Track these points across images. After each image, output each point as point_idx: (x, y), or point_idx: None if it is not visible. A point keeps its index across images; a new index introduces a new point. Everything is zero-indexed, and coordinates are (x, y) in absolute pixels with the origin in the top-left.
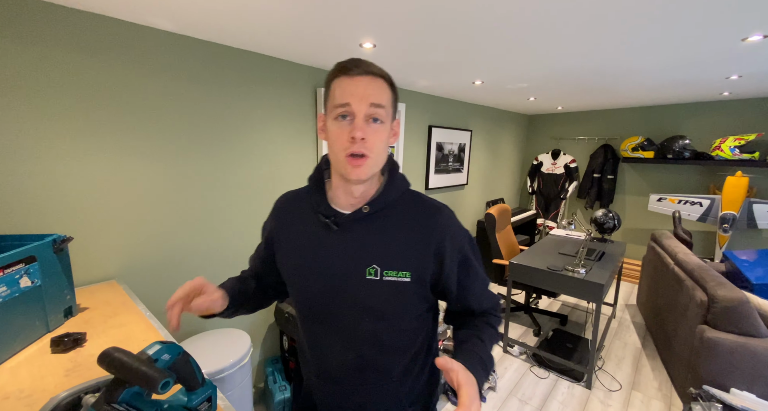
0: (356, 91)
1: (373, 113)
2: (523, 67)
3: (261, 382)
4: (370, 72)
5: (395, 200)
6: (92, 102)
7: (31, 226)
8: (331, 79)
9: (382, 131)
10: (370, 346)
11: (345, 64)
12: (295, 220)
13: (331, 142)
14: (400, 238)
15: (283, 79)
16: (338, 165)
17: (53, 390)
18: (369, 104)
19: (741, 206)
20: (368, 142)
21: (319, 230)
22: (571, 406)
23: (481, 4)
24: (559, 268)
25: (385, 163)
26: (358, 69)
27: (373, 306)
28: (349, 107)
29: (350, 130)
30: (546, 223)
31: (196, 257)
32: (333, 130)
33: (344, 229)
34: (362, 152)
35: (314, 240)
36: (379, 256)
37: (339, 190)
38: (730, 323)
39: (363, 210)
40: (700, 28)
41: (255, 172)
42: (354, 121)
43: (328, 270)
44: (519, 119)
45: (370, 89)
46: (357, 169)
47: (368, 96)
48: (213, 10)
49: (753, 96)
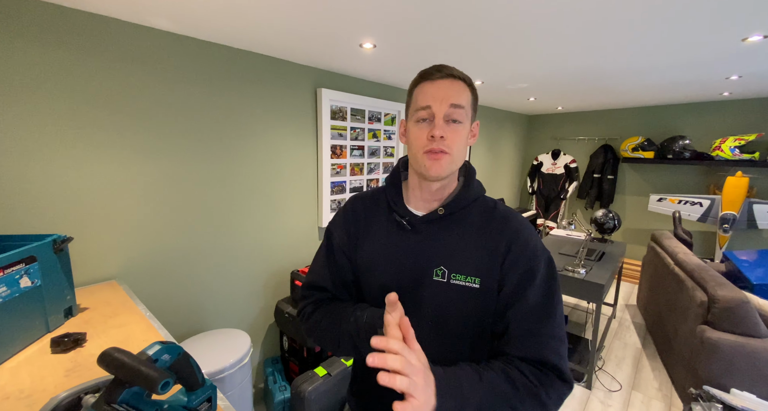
0: (437, 93)
1: (452, 113)
2: (523, 67)
3: (261, 382)
4: (451, 75)
5: (470, 205)
6: (92, 102)
7: (32, 226)
8: (413, 86)
9: (461, 131)
10: (434, 350)
11: (427, 71)
12: (372, 218)
13: (410, 142)
14: (471, 243)
15: (283, 79)
16: (417, 163)
17: (53, 390)
18: (449, 105)
19: (741, 206)
20: (447, 140)
21: (393, 229)
22: (571, 407)
23: (482, 4)
24: (559, 269)
25: (462, 165)
26: (440, 73)
27: (438, 308)
28: (429, 109)
29: (430, 130)
30: (546, 224)
31: (197, 257)
32: (413, 131)
33: (417, 230)
34: (441, 149)
35: (388, 239)
36: (446, 259)
37: (415, 190)
38: (730, 323)
39: (438, 212)
40: (700, 29)
41: (255, 172)
42: (434, 121)
43: (399, 268)
44: (519, 119)
45: (450, 91)
46: (435, 163)
47: (448, 97)
48: (213, 11)
49: (753, 96)
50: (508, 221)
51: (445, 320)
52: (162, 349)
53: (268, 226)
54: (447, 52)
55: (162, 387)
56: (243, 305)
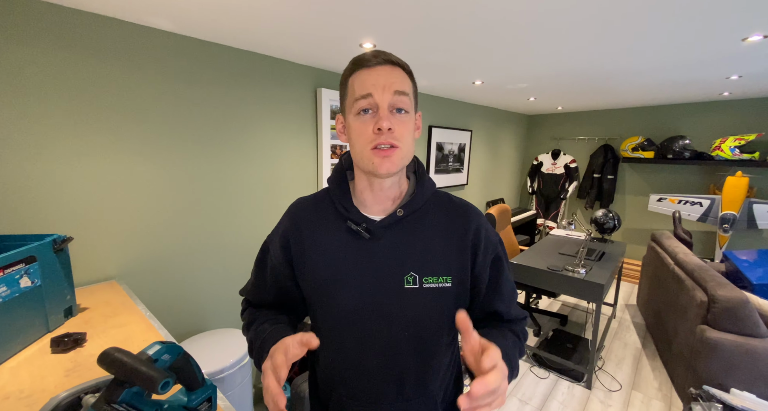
0: (378, 80)
1: (397, 102)
2: (523, 67)
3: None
4: (389, 60)
5: (426, 202)
6: (92, 102)
7: (32, 226)
8: (347, 74)
9: (408, 121)
10: (412, 361)
11: (362, 57)
12: (318, 228)
13: (353, 138)
14: (437, 242)
15: (283, 79)
16: (364, 161)
17: (53, 390)
18: (393, 92)
19: (741, 206)
20: (395, 133)
21: (348, 239)
22: (571, 407)
23: (482, 4)
24: (559, 268)
25: (413, 162)
26: (377, 59)
27: (415, 317)
28: (371, 98)
29: (375, 122)
30: (546, 223)
31: (197, 257)
32: (355, 125)
33: (376, 237)
34: (390, 142)
35: (343, 250)
36: (416, 263)
37: (365, 191)
38: (730, 323)
39: (397, 213)
40: (700, 29)
41: (255, 172)
42: (378, 112)
43: (362, 283)
44: (519, 119)
45: (392, 77)
46: (386, 160)
47: (391, 84)
48: (213, 11)
49: (753, 96)
50: (467, 213)
51: (422, 328)
52: (162, 348)
53: (269, 226)
54: (447, 51)
55: (162, 387)
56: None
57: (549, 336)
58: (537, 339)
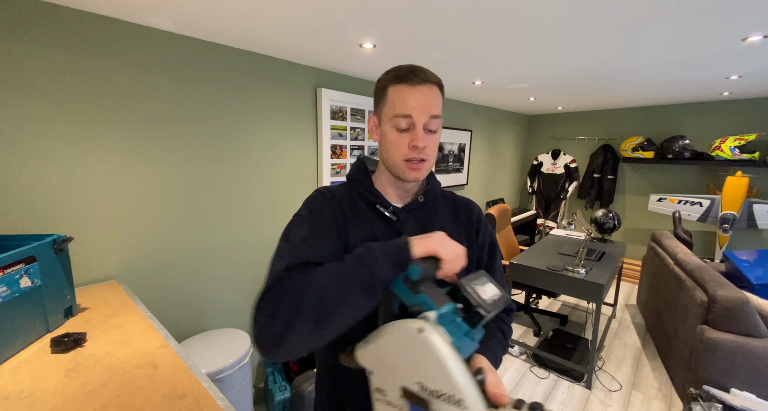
0: (417, 103)
1: (431, 124)
2: (523, 67)
3: (261, 382)
4: (428, 80)
5: (437, 194)
6: (91, 102)
7: (31, 226)
8: (386, 84)
9: (437, 138)
10: None
11: (404, 73)
12: (351, 212)
13: (388, 147)
14: (450, 225)
15: (283, 79)
16: (395, 168)
17: (53, 390)
18: (429, 116)
19: (741, 206)
20: (427, 149)
21: (377, 221)
22: (571, 406)
23: (482, 4)
24: (559, 268)
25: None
26: (417, 78)
27: None
28: (410, 119)
29: (411, 139)
30: (546, 223)
31: (196, 257)
32: (392, 137)
33: (402, 221)
34: (421, 158)
35: (373, 231)
36: None
37: (388, 187)
38: (730, 323)
39: (419, 200)
40: (700, 29)
41: (255, 171)
42: (415, 131)
43: None
44: (519, 119)
45: (429, 100)
46: (416, 172)
47: (429, 107)
48: (213, 11)
49: (753, 96)
50: (468, 205)
51: None
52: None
53: (268, 226)
54: (447, 52)
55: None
56: (243, 305)
57: (549, 336)
58: (537, 339)
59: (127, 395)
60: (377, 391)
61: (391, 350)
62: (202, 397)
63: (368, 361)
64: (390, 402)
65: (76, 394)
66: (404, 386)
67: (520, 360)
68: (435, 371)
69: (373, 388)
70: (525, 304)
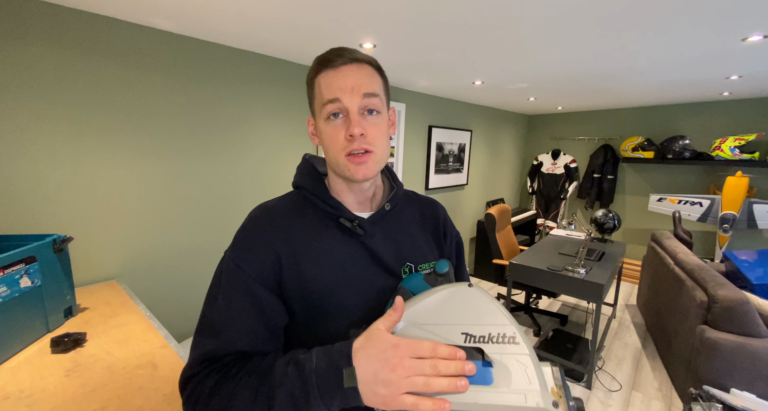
0: (345, 83)
1: (367, 104)
2: (523, 67)
3: None
4: (355, 59)
5: (402, 197)
6: (92, 102)
7: (32, 226)
8: (313, 76)
9: (380, 123)
10: None
11: (326, 56)
12: (305, 232)
13: (326, 144)
14: (418, 232)
15: (283, 79)
16: (339, 168)
17: (53, 390)
18: (362, 95)
19: (741, 206)
20: (368, 137)
21: (341, 238)
22: None
23: (482, 4)
24: (559, 268)
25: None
26: (342, 58)
27: None
28: (339, 103)
29: (346, 128)
30: (546, 223)
31: (197, 257)
32: (326, 131)
33: (369, 233)
34: (364, 148)
35: (340, 250)
36: (409, 253)
37: (344, 193)
38: (730, 323)
39: (385, 208)
40: (700, 29)
41: (255, 171)
42: (348, 116)
43: (365, 280)
44: (519, 119)
45: (359, 78)
46: (362, 166)
47: (359, 86)
48: (213, 11)
49: (753, 96)
50: (433, 206)
51: None
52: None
53: None
54: (447, 51)
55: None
56: None
57: (549, 336)
58: (537, 339)
59: (127, 395)
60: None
61: (435, 309)
62: None
63: (397, 328)
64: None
65: (76, 394)
66: (445, 342)
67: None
68: (486, 316)
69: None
70: (525, 304)
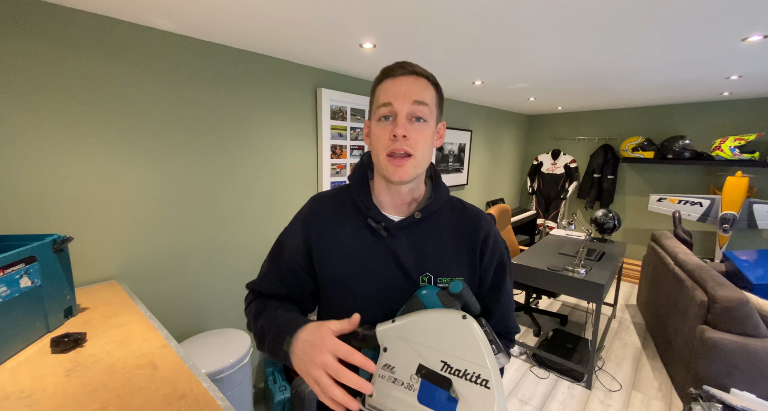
0: (399, 90)
1: (415, 111)
2: (523, 67)
3: (261, 382)
4: (414, 72)
5: (441, 206)
6: (92, 102)
7: (32, 226)
8: (375, 84)
9: (425, 130)
10: None
11: (390, 67)
12: (338, 222)
13: (373, 142)
14: (450, 244)
15: (283, 79)
16: (380, 166)
17: (53, 390)
18: (411, 102)
19: (741, 206)
20: (411, 140)
21: (367, 235)
22: (571, 407)
23: (482, 4)
24: (559, 268)
25: (428, 167)
26: (402, 70)
27: None
28: (391, 107)
29: (392, 129)
30: (546, 223)
31: (197, 257)
32: (375, 131)
33: (394, 236)
34: (404, 150)
35: (362, 246)
36: (431, 263)
37: (384, 194)
38: (730, 323)
39: (415, 216)
40: (700, 29)
41: (255, 172)
42: (396, 119)
43: (379, 278)
44: (519, 119)
45: (413, 87)
46: (399, 169)
47: (411, 93)
48: (213, 11)
49: (753, 96)
50: (480, 220)
51: None
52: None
53: (268, 226)
54: (447, 52)
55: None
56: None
57: (549, 336)
58: (537, 339)
59: (127, 395)
60: (385, 368)
61: (424, 330)
62: (202, 397)
63: (388, 336)
64: (397, 379)
65: (76, 394)
66: (424, 364)
67: (520, 360)
68: (468, 352)
69: (380, 365)
70: (525, 304)
